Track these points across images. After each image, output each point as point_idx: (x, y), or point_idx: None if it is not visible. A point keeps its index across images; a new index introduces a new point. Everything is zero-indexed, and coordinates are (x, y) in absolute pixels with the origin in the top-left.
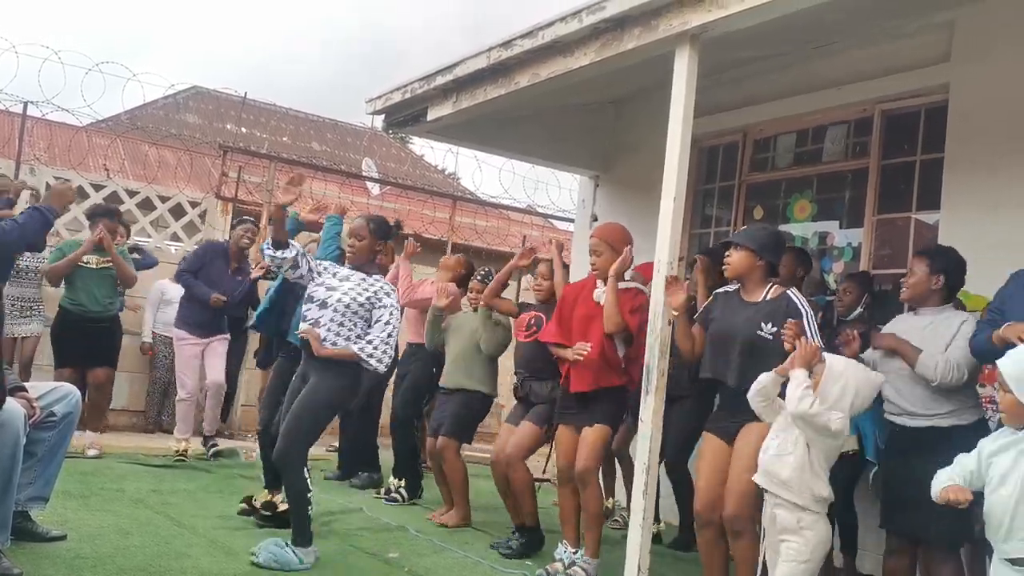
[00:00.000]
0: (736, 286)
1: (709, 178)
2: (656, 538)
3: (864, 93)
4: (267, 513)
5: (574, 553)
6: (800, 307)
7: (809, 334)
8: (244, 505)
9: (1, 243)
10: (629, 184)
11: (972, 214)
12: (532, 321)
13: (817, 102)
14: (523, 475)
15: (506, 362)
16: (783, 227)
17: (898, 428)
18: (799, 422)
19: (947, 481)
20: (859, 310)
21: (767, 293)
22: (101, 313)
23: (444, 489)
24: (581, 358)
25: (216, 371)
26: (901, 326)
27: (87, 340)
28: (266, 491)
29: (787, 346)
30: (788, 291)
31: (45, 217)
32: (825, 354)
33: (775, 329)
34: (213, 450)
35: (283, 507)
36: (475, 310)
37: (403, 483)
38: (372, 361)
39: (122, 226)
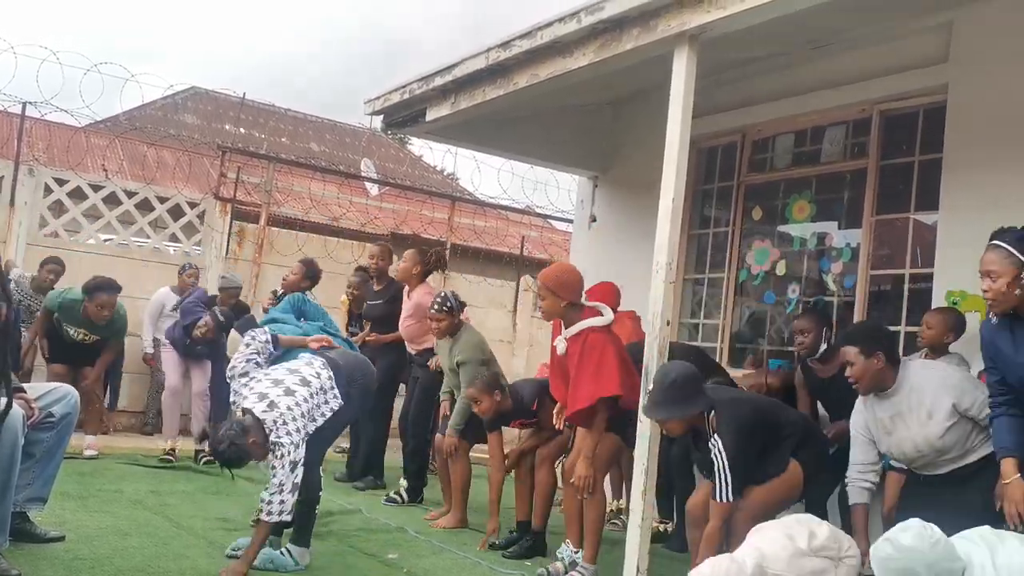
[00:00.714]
0: None
1: (708, 179)
2: (663, 536)
3: (863, 94)
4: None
5: (575, 553)
6: (714, 461)
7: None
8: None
9: None
10: (628, 185)
11: (971, 214)
12: (520, 431)
13: (816, 103)
14: (547, 478)
15: (513, 361)
16: (781, 228)
17: (921, 477)
18: None
19: None
20: (824, 346)
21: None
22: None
23: (447, 489)
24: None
25: (199, 382)
26: (868, 416)
27: (77, 351)
28: None
29: None
30: (711, 440)
31: None
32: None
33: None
34: (204, 459)
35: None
36: (439, 337)
37: (405, 484)
38: (264, 516)
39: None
